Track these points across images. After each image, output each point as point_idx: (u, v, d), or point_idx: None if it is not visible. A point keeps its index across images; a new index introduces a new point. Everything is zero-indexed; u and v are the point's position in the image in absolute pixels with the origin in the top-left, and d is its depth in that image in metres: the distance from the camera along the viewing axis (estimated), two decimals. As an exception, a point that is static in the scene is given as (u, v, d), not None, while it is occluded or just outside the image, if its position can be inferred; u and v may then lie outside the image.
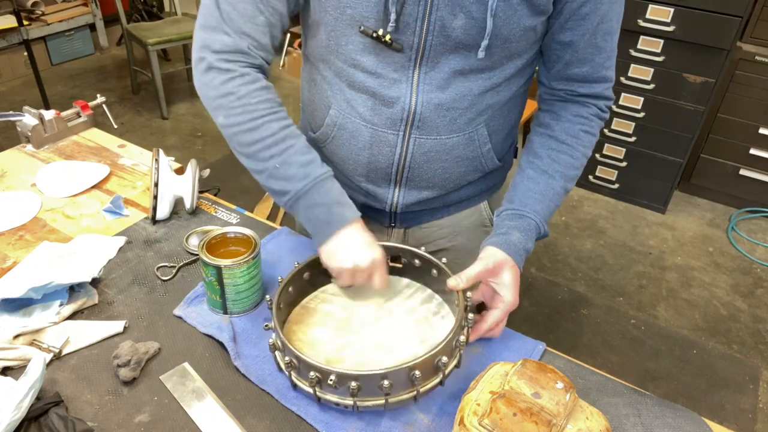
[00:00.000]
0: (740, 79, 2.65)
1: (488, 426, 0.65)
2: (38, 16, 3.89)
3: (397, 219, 1.06)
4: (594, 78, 0.91)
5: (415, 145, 0.91)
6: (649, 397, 0.83)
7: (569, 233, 2.79)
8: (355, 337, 0.87)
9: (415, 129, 0.89)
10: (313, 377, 0.75)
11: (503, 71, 0.87)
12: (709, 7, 2.39)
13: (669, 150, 2.77)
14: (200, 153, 3.28)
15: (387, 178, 0.96)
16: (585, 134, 0.94)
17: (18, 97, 3.75)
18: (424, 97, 0.86)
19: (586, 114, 0.94)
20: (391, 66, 0.85)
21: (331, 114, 0.94)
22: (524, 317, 2.30)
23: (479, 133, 0.93)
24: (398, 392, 0.76)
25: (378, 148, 0.92)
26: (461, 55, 0.83)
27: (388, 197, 0.99)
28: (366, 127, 0.91)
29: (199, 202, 1.17)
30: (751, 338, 2.25)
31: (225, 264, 0.87)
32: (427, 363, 0.76)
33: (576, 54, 0.88)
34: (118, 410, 0.78)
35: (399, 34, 0.81)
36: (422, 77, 0.85)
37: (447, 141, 0.91)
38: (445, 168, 0.95)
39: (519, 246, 0.88)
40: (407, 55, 0.83)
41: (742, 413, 1.95)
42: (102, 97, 1.47)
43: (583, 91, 0.93)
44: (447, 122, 0.89)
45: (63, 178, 1.23)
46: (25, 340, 0.86)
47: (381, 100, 0.88)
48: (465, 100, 0.88)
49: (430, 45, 0.82)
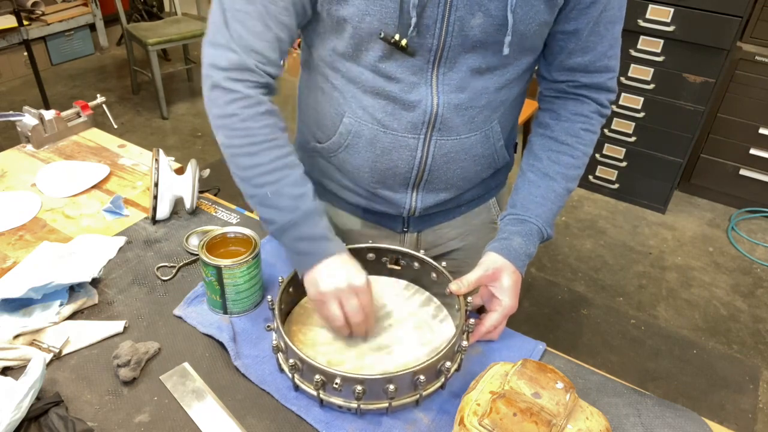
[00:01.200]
0: (740, 79, 2.65)
1: (488, 426, 0.65)
2: (38, 16, 3.89)
3: (410, 223, 1.05)
4: (596, 67, 0.90)
5: (436, 147, 0.90)
6: (649, 397, 0.83)
7: (569, 233, 2.79)
8: (355, 339, 0.87)
9: (437, 131, 0.89)
10: (318, 380, 0.75)
11: (517, 67, 0.87)
12: (709, 7, 2.39)
13: (669, 150, 2.77)
14: (200, 153, 3.28)
15: (405, 183, 0.95)
16: (585, 132, 0.94)
17: (18, 97, 3.75)
18: (444, 98, 0.86)
19: (586, 112, 0.93)
20: (409, 70, 0.84)
21: (345, 122, 0.91)
22: (524, 317, 2.30)
23: (494, 130, 0.93)
24: (402, 396, 0.77)
25: (398, 153, 0.91)
26: (478, 54, 0.83)
27: (406, 202, 0.98)
28: (385, 133, 0.89)
29: (199, 202, 1.17)
30: (751, 338, 2.25)
31: (225, 264, 0.87)
32: (430, 368, 0.76)
33: (579, 43, 0.87)
34: (118, 410, 0.78)
35: (419, 38, 0.80)
36: (441, 78, 0.85)
37: (466, 140, 0.91)
38: (463, 168, 0.94)
39: (520, 251, 0.89)
40: (425, 58, 0.83)
41: (742, 413, 1.95)
42: (102, 97, 1.47)
43: (585, 81, 0.92)
44: (466, 121, 0.89)
45: (63, 178, 1.23)
46: (25, 340, 0.86)
47: (401, 104, 0.87)
48: (482, 98, 0.87)
49: (449, 46, 0.81)
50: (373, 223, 1.06)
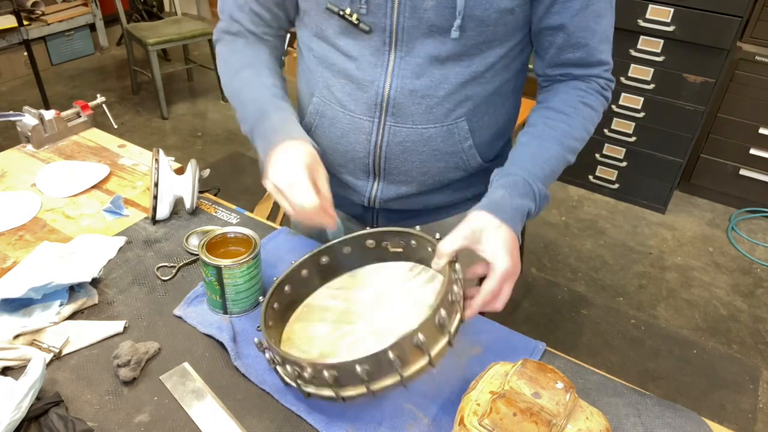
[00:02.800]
0: (740, 79, 2.65)
1: (488, 426, 0.65)
2: (38, 16, 3.89)
3: (378, 219, 1.05)
4: (589, 62, 0.89)
5: (390, 133, 0.91)
6: (649, 397, 0.83)
7: (569, 233, 2.79)
8: (352, 326, 0.86)
9: (390, 116, 0.89)
10: (292, 371, 0.74)
11: (484, 59, 0.86)
12: (709, 7, 2.39)
13: (669, 150, 2.77)
14: (200, 153, 3.28)
15: (365, 168, 0.96)
16: (584, 106, 0.89)
17: (18, 97, 3.75)
18: (398, 82, 0.86)
19: (584, 87, 0.91)
20: (368, 49, 0.86)
21: (314, 101, 0.95)
22: (524, 317, 2.30)
23: (459, 127, 0.91)
24: (380, 378, 0.71)
25: (355, 136, 0.92)
26: (436, 39, 0.83)
27: (366, 190, 0.99)
28: (344, 113, 0.91)
29: (199, 202, 1.17)
30: (751, 338, 2.25)
31: (225, 264, 0.87)
32: (404, 345, 0.68)
33: (569, 39, 0.86)
34: (118, 410, 0.78)
35: (371, 16, 0.82)
36: (398, 62, 0.86)
37: (423, 131, 0.90)
38: (422, 161, 0.93)
39: (503, 203, 0.79)
40: (381, 38, 0.84)
41: (742, 413, 1.95)
42: (102, 97, 1.47)
43: (580, 73, 0.91)
44: (423, 110, 0.88)
45: (63, 178, 1.23)
46: (25, 340, 0.86)
47: (358, 84, 0.89)
48: (441, 88, 0.87)
49: (402, 27, 0.82)
50: (345, 213, 1.07)
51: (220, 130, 3.48)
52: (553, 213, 2.92)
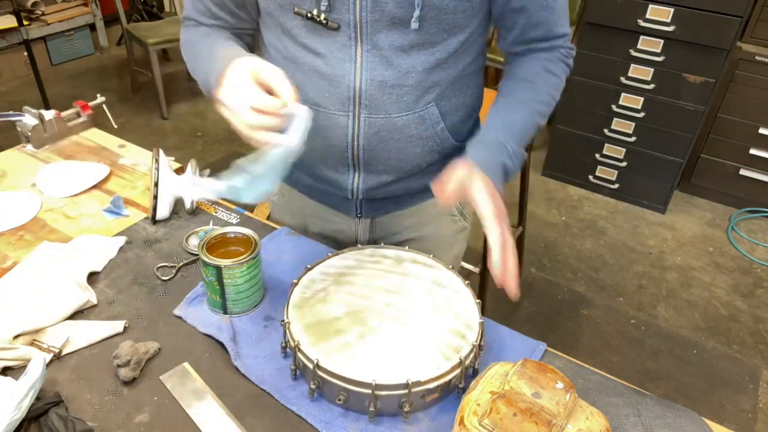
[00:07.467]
0: (740, 79, 2.65)
1: (488, 426, 0.65)
2: (38, 16, 3.89)
3: (363, 208, 1.07)
4: (552, 35, 0.94)
5: (366, 125, 0.92)
6: (649, 397, 0.83)
7: (569, 233, 2.79)
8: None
9: (364, 108, 0.91)
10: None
11: (446, 46, 0.89)
12: (709, 7, 2.39)
13: (669, 150, 2.77)
14: (200, 153, 3.28)
15: (344, 162, 0.97)
16: (547, 72, 0.95)
17: (18, 97, 3.75)
18: (368, 74, 0.88)
19: (547, 57, 0.96)
20: (334, 45, 0.87)
21: None
22: (524, 317, 2.30)
23: (430, 112, 0.94)
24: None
25: (332, 131, 0.94)
26: (399, 31, 0.85)
27: (348, 183, 1.00)
28: (319, 111, 0.92)
29: (199, 202, 1.17)
30: (751, 338, 2.25)
31: (225, 264, 0.87)
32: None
33: (530, 19, 0.91)
34: (118, 410, 0.78)
35: (334, 12, 0.84)
36: (365, 55, 0.87)
37: (397, 120, 0.92)
38: (399, 149, 0.95)
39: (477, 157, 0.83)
40: (347, 34, 0.86)
41: (742, 413, 1.95)
42: (102, 97, 1.47)
43: (543, 46, 0.96)
44: (394, 100, 0.90)
45: (63, 178, 1.23)
46: (25, 340, 0.86)
47: (329, 80, 0.90)
48: (410, 77, 0.89)
49: (366, 21, 0.84)
50: (327, 206, 1.09)
51: (220, 130, 3.48)
52: (553, 213, 2.92)
